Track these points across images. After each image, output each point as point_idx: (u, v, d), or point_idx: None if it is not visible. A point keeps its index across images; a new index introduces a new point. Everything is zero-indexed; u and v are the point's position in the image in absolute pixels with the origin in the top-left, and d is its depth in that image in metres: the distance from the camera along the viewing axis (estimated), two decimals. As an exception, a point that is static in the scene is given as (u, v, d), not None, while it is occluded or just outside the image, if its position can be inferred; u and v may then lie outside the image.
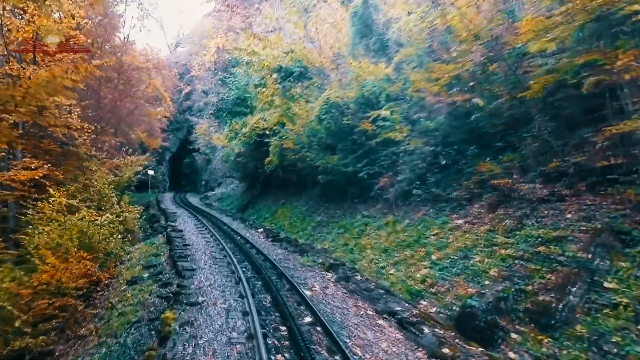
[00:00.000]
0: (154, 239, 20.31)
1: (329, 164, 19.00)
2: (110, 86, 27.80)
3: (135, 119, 35.23)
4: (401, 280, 11.20)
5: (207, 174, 53.32)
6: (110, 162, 23.79)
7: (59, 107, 21.64)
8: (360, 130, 17.63)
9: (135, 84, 31.90)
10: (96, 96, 27.09)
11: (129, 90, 30.25)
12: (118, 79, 28.17)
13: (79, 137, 22.85)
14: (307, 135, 21.17)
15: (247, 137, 27.70)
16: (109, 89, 27.87)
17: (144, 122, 37.65)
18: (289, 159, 23.51)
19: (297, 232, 20.60)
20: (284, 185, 27.94)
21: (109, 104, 27.84)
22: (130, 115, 31.18)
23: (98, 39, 27.73)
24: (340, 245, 16.28)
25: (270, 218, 25.61)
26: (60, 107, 21.58)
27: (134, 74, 32.54)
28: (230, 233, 19.83)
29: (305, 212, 22.67)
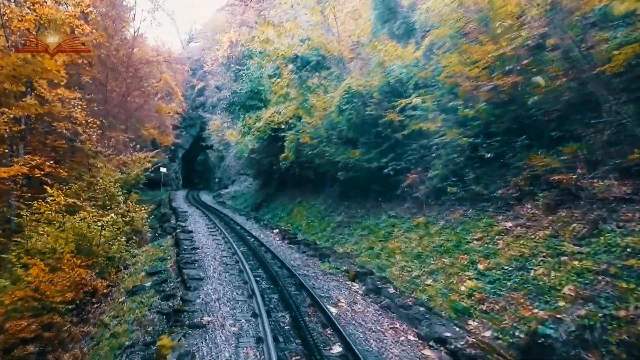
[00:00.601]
0: (163, 241, 18.95)
1: (350, 159, 17.35)
2: (118, 79, 26.55)
3: (146, 115, 34.01)
4: (442, 293, 9.52)
5: (221, 172, 52.11)
6: (117, 159, 22.51)
7: (62, 101, 20.38)
8: (386, 122, 15.95)
9: (144, 77, 30.60)
10: (103, 90, 25.84)
11: (138, 83, 28.96)
12: (126, 71, 26.91)
13: (84, 132, 21.57)
14: (325, 129, 19.55)
15: (261, 131, 26.18)
16: (117, 82, 26.62)
17: (154, 118, 36.42)
18: (306, 154, 21.90)
19: (315, 234, 19.01)
20: (301, 183, 26.36)
21: (117, 98, 26.60)
22: (140, 110, 29.91)
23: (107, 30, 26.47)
24: (364, 249, 14.64)
25: (286, 217, 24.08)
26: (63, 100, 20.31)
27: (143, 68, 31.28)
28: (243, 234, 18.35)
29: (323, 212, 21.07)
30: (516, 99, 11.40)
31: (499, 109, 12.04)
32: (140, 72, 29.49)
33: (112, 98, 26.30)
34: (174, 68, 39.64)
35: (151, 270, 13.10)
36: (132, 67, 27.68)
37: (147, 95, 30.03)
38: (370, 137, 17.00)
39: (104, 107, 25.94)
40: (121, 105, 27.37)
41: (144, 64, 32.25)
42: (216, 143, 49.59)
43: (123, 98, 26.72)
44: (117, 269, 14.58)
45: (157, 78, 34.88)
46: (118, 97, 26.55)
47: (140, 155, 23.17)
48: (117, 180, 22.25)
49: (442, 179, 13.64)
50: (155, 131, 41.03)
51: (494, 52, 11.71)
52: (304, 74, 21.65)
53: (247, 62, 30.10)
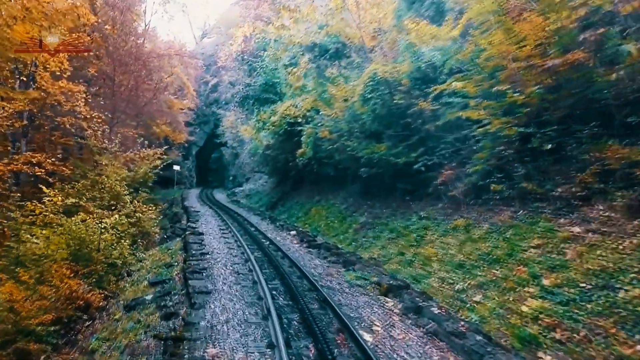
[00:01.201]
0: (172, 243, 17.57)
1: (375, 154, 15.69)
2: (126, 73, 25.29)
3: (156, 110, 32.79)
4: (497, 314, 7.83)
5: (235, 169, 50.83)
6: (124, 156, 21.21)
7: (65, 94, 19.12)
8: (416, 112, 14.29)
9: (155, 71, 29.26)
10: (110, 83, 24.60)
11: (147, 76, 27.63)
12: (134, 64, 25.62)
13: (89, 127, 20.30)
14: (347, 121, 17.91)
15: (277, 126, 24.65)
16: (125, 76, 25.35)
17: (166, 114, 35.20)
18: (325, 149, 20.31)
19: (336, 236, 17.41)
20: (319, 180, 24.77)
21: (125, 92, 25.31)
22: (150, 105, 28.63)
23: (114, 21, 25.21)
24: (393, 254, 12.99)
25: (303, 218, 22.52)
26: (66, 93, 19.04)
27: (154, 61, 29.99)
28: (258, 237, 16.84)
29: (344, 212, 19.44)
30: (577, 80, 9.63)
31: (555, 93, 10.25)
32: (150, 65, 28.16)
33: (120, 92, 25.03)
34: (186, 62, 38.35)
35: (154, 279, 11.66)
36: (141, 59, 26.35)
37: (157, 90, 28.69)
38: (397, 129, 15.33)
39: (111, 101, 24.68)
40: (130, 100, 26.07)
41: (154, 58, 30.97)
42: (230, 140, 48.31)
43: (132, 92, 25.43)
44: (118, 277, 13.18)
45: (169, 72, 33.60)
46: (126, 91, 25.25)
47: (149, 151, 21.84)
48: (124, 178, 20.96)
49: (483, 175, 11.94)
50: (168, 128, 39.91)
51: (548, 26, 9.96)
52: (322, 63, 20.06)
53: (261, 55, 28.58)
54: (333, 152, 19.92)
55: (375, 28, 20.69)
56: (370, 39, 20.54)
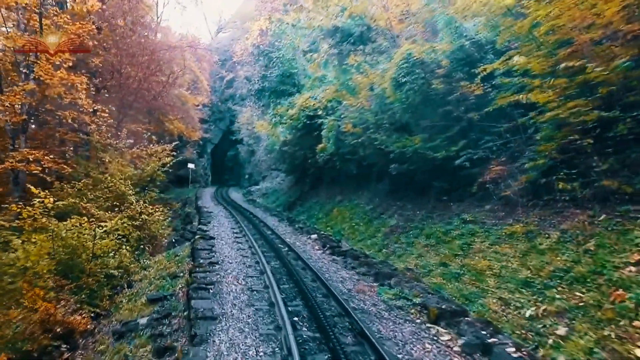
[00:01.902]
0: (180, 248, 15.91)
1: (408, 148, 13.70)
2: (134, 64, 23.71)
3: (168, 105, 31.26)
4: (599, 359, 5.80)
5: (251, 167, 49.25)
6: (130, 152, 19.63)
7: (65, 86, 17.59)
8: (457, 98, 12.27)
9: (166, 63, 27.57)
10: (117, 75, 23.06)
11: (156, 67, 25.98)
12: (142, 54, 23.99)
13: (92, 122, 18.76)
14: (373, 112, 15.96)
15: (295, 119, 22.79)
16: (134, 67, 23.77)
17: (179, 110, 33.65)
18: (348, 144, 18.37)
19: (363, 241, 15.48)
20: (340, 178, 22.86)
21: (133, 85, 23.75)
22: (160, 99, 26.99)
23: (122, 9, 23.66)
24: (434, 265, 11.00)
25: (324, 219, 20.62)
26: (66, 85, 17.51)
27: (165, 54, 28.41)
28: (275, 241, 15.03)
29: (370, 213, 17.49)
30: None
31: (646, 67, 8.14)
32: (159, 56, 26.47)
33: (127, 85, 23.48)
34: (200, 56, 36.74)
35: (154, 295, 9.89)
36: (150, 49, 24.69)
37: (168, 83, 26.99)
38: (434, 119, 13.30)
39: (118, 94, 23.17)
40: (138, 93, 24.47)
41: (165, 50, 29.40)
42: (246, 137, 46.74)
43: (140, 85, 23.86)
44: (116, 290, 11.48)
45: (181, 65, 32.03)
46: (134, 83, 23.65)
47: (157, 147, 20.21)
48: (130, 176, 19.38)
49: (546, 171, 9.88)
50: (181, 124, 38.44)
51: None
52: (345, 48, 18.09)
53: (278, 44, 26.71)
54: (357, 147, 18.00)
55: (403, 10, 18.63)
56: (398, 22, 18.52)
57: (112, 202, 17.30)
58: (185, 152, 48.71)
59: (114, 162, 18.25)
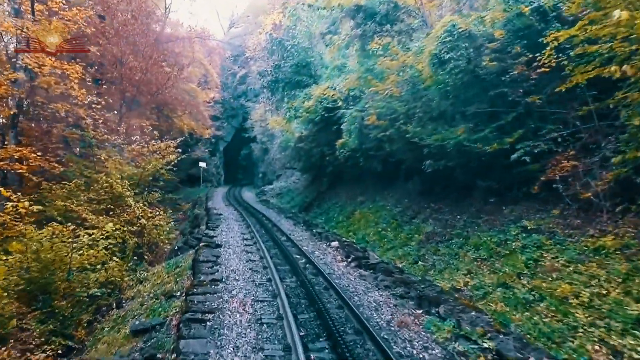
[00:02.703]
0: (182, 257, 13.92)
1: (449, 140, 11.46)
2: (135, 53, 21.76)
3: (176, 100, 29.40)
4: None
5: (264, 166, 47.26)
6: (129, 149, 17.71)
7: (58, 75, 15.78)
8: (514, 78, 9.99)
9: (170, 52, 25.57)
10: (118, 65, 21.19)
11: (160, 57, 23.97)
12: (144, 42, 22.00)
13: (87, 116, 16.92)
14: (404, 100, 13.76)
15: (311, 112, 20.65)
16: (136, 57, 21.84)
17: (188, 105, 31.74)
18: (373, 138, 16.21)
19: (393, 250, 13.30)
20: (362, 177, 20.69)
21: (135, 76, 21.79)
22: (165, 92, 25.02)
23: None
24: (490, 285, 8.78)
25: (345, 223, 18.44)
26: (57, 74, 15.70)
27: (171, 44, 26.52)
28: (290, 250, 12.97)
29: (399, 217, 15.28)
30: None
31: None
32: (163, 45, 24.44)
33: (129, 77, 21.57)
34: (210, 48, 34.81)
35: (139, 326, 7.84)
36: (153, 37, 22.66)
37: (172, 74, 24.92)
38: (481, 105, 11.03)
39: (119, 86, 21.32)
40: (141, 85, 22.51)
41: (172, 41, 27.54)
42: (259, 134, 44.77)
43: (143, 76, 21.93)
44: (97, 315, 9.51)
45: (189, 58, 30.15)
46: (137, 75, 21.63)
47: (159, 144, 18.28)
48: (131, 176, 17.48)
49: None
50: (191, 121, 36.63)
51: None
52: (368, 29, 15.88)
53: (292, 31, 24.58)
54: (383, 142, 15.85)
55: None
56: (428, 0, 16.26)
57: (107, 205, 15.42)
58: (196, 150, 47.02)
59: (110, 160, 16.34)
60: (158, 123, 30.36)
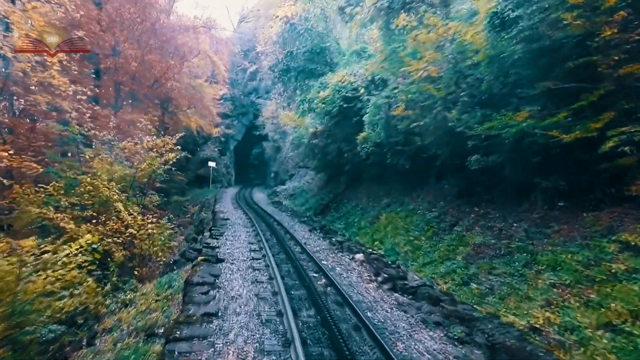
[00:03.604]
0: (177, 273, 11.72)
1: (508, 129, 8.97)
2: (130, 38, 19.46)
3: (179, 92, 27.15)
4: None
5: (277, 165, 45.03)
6: (121, 146, 15.47)
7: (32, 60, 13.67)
8: (607, 41, 7.48)
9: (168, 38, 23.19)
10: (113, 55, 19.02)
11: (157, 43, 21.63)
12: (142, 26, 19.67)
13: (72, 109, 14.80)
14: (444, 82, 11.29)
15: (328, 103, 18.25)
16: (131, 45, 19.52)
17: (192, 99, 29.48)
18: (401, 130, 13.82)
19: (431, 266, 10.80)
20: (386, 176, 18.25)
21: (131, 67, 19.45)
22: (166, 83, 22.74)
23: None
24: (587, 327, 6.29)
25: (368, 229, 15.99)
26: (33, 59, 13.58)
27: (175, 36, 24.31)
28: (307, 267, 10.65)
29: (435, 223, 12.80)
30: None
31: None
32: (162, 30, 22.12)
33: (122, 65, 19.33)
34: (217, 39, 32.56)
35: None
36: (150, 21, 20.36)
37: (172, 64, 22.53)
38: (556, 81, 8.50)
39: (113, 77, 19.16)
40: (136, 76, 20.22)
41: (176, 31, 25.34)
42: (271, 132, 42.63)
43: (139, 65, 19.61)
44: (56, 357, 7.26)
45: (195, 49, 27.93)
46: (129, 61, 19.31)
47: (156, 140, 16.06)
48: (122, 176, 15.32)
49: None
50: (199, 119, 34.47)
51: None
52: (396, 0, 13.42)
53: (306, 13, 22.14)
54: (413, 135, 13.47)
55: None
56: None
57: (92, 211, 13.24)
58: (205, 150, 44.98)
59: (97, 159, 14.15)
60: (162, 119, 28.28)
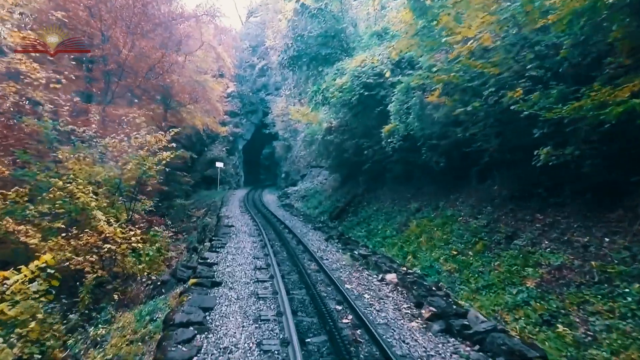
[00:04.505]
0: (164, 299, 9.39)
1: (609, 109, 6.42)
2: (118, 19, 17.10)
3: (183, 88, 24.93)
4: None
5: (288, 165, 42.67)
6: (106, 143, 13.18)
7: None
8: None
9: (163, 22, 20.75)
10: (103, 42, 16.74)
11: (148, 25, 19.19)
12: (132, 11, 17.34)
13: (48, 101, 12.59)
14: (496, 59, 8.78)
15: (346, 91, 15.75)
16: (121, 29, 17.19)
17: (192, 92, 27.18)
18: (438, 120, 11.35)
19: (489, 292, 8.26)
20: (412, 176, 15.80)
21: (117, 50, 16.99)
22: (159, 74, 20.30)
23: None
24: None
25: (396, 239, 13.47)
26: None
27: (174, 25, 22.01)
28: (325, 292, 8.24)
29: (486, 234, 10.24)
30: None
31: None
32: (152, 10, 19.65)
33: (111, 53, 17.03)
34: (221, 28, 30.19)
35: None
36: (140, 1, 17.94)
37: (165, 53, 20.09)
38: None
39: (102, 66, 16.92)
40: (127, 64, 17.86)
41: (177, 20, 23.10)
42: (281, 129, 40.32)
43: (128, 53, 17.23)
44: None
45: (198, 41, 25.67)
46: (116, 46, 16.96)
47: (147, 137, 13.73)
48: (107, 179, 13.05)
49: None
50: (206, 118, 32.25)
51: None
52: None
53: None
54: (450, 126, 11.02)
55: None
56: None
57: (66, 221, 11.00)
58: (212, 150, 42.82)
59: (72, 159, 11.87)
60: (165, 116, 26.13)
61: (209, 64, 29.74)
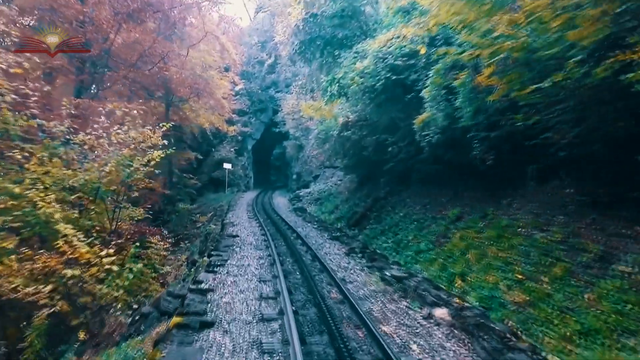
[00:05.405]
0: (141, 340, 7.04)
1: None
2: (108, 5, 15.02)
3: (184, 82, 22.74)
4: None
5: (299, 165, 40.35)
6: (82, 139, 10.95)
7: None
8: None
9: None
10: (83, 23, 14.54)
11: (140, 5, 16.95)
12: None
13: (10, 90, 10.42)
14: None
15: (368, 76, 13.28)
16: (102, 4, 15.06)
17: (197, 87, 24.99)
18: (492, 105, 8.94)
19: (588, 343, 5.78)
20: (443, 176, 13.35)
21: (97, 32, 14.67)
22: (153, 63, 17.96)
23: None
24: None
25: (433, 254, 10.99)
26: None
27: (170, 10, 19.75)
28: (354, 337, 5.88)
29: (561, 252, 7.74)
30: None
31: None
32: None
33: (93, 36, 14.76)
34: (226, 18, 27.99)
35: None
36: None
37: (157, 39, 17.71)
38: None
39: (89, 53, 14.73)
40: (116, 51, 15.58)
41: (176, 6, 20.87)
42: (292, 128, 38.05)
43: (114, 37, 14.97)
44: None
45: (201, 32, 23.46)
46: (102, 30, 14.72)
47: (133, 134, 11.43)
48: (83, 185, 10.80)
49: None
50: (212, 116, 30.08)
51: None
52: None
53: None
54: (505, 113, 8.60)
55: None
56: None
57: (24, 237, 8.76)
58: (220, 150, 40.72)
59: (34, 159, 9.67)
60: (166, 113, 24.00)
61: (212, 56, 27.48)
